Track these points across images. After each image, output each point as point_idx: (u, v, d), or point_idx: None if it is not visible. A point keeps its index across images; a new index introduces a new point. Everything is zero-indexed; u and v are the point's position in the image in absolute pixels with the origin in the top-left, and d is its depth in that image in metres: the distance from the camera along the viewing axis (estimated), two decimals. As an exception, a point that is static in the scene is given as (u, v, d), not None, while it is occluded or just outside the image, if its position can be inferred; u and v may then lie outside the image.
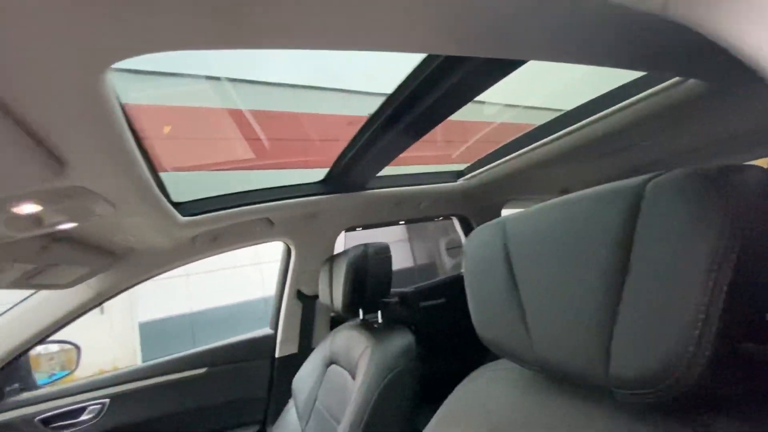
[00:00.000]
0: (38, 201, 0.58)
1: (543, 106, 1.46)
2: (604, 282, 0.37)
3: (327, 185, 1.36)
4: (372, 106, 0.97)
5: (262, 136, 1.49)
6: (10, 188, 0.53)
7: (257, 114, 1.53)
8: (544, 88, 1.45)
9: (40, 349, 1.32)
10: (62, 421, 1.28)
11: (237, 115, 1.56)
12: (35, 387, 1.36)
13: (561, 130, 1.12)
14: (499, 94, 0.93)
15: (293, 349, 1.60)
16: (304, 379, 1.34)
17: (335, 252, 1.62)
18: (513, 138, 1.35)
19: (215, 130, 1.56)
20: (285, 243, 1.60)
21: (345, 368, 1.16)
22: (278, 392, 1.53)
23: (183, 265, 1.39)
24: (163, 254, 1.31)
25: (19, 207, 0.58)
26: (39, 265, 0.87)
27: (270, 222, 1.41)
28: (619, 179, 0.39)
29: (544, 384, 0.52)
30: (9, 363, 1.22)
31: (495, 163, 1.42)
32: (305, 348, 1.59)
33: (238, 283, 5.44)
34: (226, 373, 1.53)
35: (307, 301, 1.60)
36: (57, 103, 0.40)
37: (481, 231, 0.57)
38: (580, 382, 0.42)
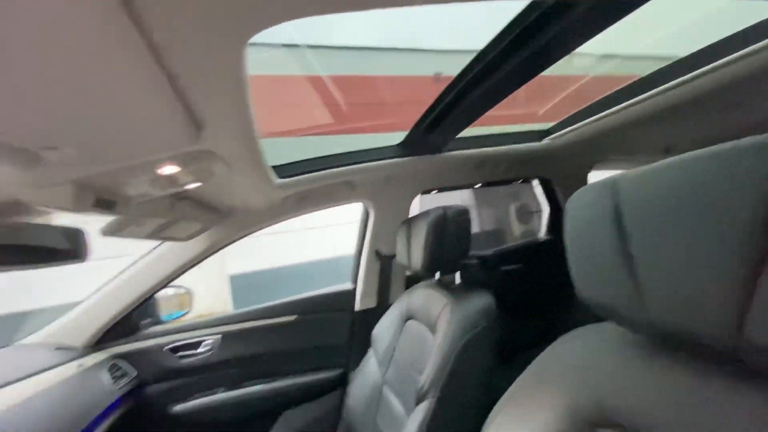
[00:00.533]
0: (177, 163, 0.67)
1: (648, 54, 1.29)
2: (745, 243, 0.34)
3: (406, 148, 1.37)
4: (454, 64, 0.94)
5: (342, 101, 1.53)
6: (157, 152, 0.62)
7: (336, 79, 1.57)
8: (651, 33, 1.28)
9: (161, 292, 1.56)
10: (185, 350, 1.53)
11: (317, 81, 1.60)
12: (161, 323, 1.63)
13: (671, 80, 0.99)
14: (593, 43, 0.85)
15: (372, 303, 1.70)
16: (382, 331, 1.43)
17: (411, 214, 1.66)
18: (609, 92, 1.23)
19: (297, 97, 1.63)
20: (364, 204, 1.67)
21: (423, 324, 1.21)
22: (358, 341, 1.66)
23: (274, 224, 1.52)
24: (259, 213, 1.44)
25: (162, 168, 0.68)
26: (168, 220, 1.02)
27: (351, 184, 1.47)
28: (738, 138, 0.35)
29: (651, 347, 0.50)
30: (142, 302, 1.47)
31: (586, 120, 1.32)
32: (383, 303, 1.69)
33: (309, 244, 5.84)
34: (312, 322, 1.69)
35: (384, 260, 1.68)
36: (206, 72, 0.46)
37: (587, 191, 0.55)
38: (700, 348, 0.41)
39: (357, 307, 1.71)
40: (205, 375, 1.54)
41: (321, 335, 1.69)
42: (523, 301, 1.81)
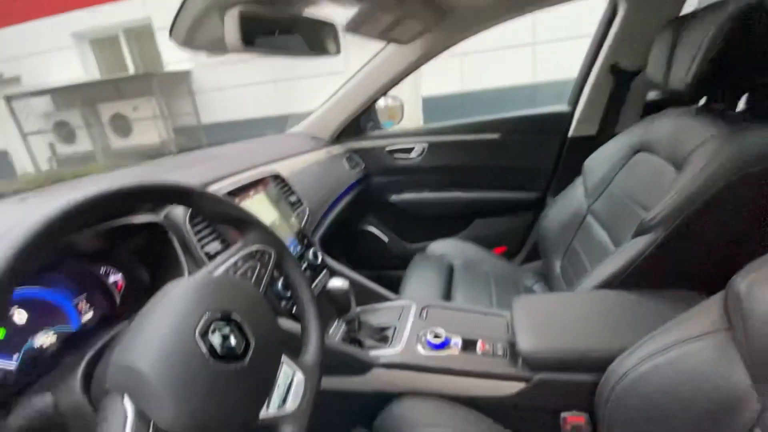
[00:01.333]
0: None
1: None
2: None
3: None
4: None
5: None
6: None
7: None
8: None
9: (379, 102, 1.72)
10: (400, 154, 1.77)
11: None
12: (380, 128, 1.87)
13: None
14: None
15: (590, 130, 1.49)
16: (599, 160, 1.26)
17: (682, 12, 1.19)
18: None
19: None
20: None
21: (663, 158, 1.00)
22: (565, 168, 1.56)
23: (496, 25, 1.34)
24: (481, 12, 1.28)
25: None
26: (396, 17, 1.01)
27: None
28: None
29: None
30: (366, 108, 1.67)
31: None
32: (606, 131, 1.45)
33: (509, 66, 5.22)
34: (516, 142, 1.64)
35: (621, 77, 1.35)
36: None
37: None
38: None
39: (571, 132, 1.53)
40: (414, 176, 1.78)
41: (523, 157, 1.65)
42: None
